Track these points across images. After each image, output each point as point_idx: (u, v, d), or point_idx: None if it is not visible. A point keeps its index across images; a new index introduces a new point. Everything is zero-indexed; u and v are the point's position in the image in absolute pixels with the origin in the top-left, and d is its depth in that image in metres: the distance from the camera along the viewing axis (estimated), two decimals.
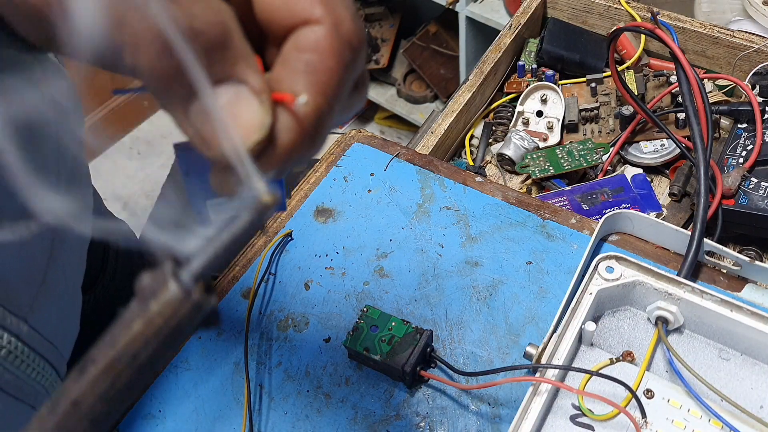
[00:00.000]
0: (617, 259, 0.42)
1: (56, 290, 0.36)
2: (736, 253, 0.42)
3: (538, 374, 0.38)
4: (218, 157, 0.18)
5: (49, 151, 0.35)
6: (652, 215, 0.48)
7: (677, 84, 0.51)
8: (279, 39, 0.19)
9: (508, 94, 0.67)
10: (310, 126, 0.18)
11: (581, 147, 0.60)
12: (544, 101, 0.64)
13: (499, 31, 0.68)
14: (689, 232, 0.43)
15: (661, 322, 0.40)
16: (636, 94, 0.59)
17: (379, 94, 1.89)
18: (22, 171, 0.26)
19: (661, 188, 0.59)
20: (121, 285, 0.53)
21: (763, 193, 0.49)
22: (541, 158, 0.59)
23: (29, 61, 0.31)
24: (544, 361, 0.38)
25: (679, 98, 0.58)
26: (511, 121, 0.64)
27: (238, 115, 0.17)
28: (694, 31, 0.62)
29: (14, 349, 0.32)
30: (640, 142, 0.60)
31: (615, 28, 0.54)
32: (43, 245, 0.35)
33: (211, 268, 0.18)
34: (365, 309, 0.42)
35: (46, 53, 0.22)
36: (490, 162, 0.63)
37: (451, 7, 1.50)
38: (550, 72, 0.65)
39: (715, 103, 0.60)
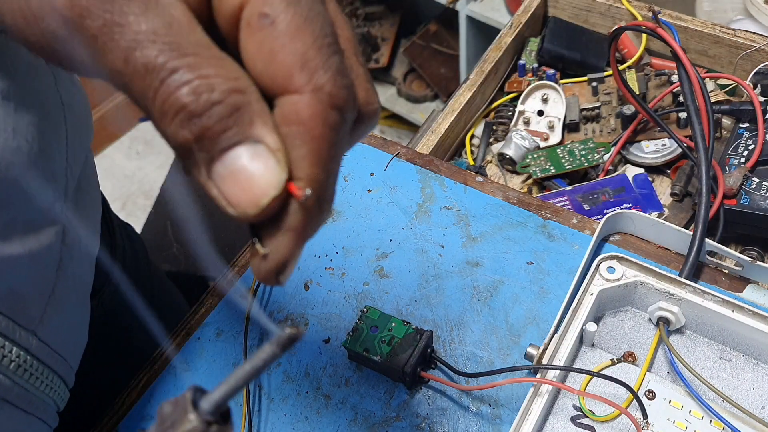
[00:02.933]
0: (618, 259, 0.41)
1: (65, 302, 0.35)
2: (737, 254, 0.42)
3: (538, 375, 0.38)
4: (242, 215, 0.19)
5: (59, 159, 0.34)
6: (654, 215, 0.48)
7: (679, 83, 0.51)
8: (269, 98, 0.20)
9: (508, 93, 0.67)
10: (315, 201, 0.19)
11: (582, 146, 0.59)
12: (545, 100, 0.64)
13: (500, 30, 0.68)
14: (691, 232, 0.43)
15: (663, 322, 0.40)
16: (637, 93, 0.59)
17: (379, 93, 1.88)
18: (34, 180, 0.26)
19: (663, 188, 0.58)
20: (126, 294, 0.51)
21: (765, 193, 0.49)
22: (542, 158, 0.59)
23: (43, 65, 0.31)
24: (545, 361, 0.38)
25: (681, 98, 0.58)
26: (511, 120, 0.64)
27: (255, 172, 0.18)
28: (696, 30, 0.62)
29: (23, 363, 0.32)
30: (642, 142, 0.60)
31: (616, 27, 0.54)
32: (52, 257, 0.34)
33: (230, 398, 0.19)
34: (365, 309, 0.42)
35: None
36: (491, 161, 0.63)
37: (451, 6, 1.50)
38: (551, 71, 0.65)
39: (716, 103, 0.60)
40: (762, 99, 0.55)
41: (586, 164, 0.58)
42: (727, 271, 0.44)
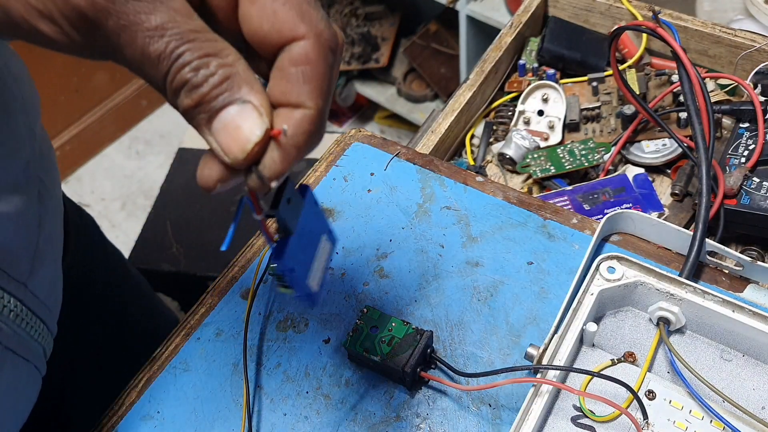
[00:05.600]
0: (619, 259, 0.41)
1: (47, 257, 0.40)
2: (738, 254, 0.42)
3: (539, 375, 0.37)
4: (234, 161, 0.24)
5: (22, 125, 0.40)
6: (654, 215, 0.48)
7: (679, 83, 0.51)
8: (269, 54, 0.25)
9: (508, 93, 0.67)
10: (318, 123, 0.25)
11: (582, 146, 0.59)
12: (545, 100, 0.63)
13: (500, 30, 0.68)
14: (691, 232, 0.43)
15: (663, 322, 0.40)
16: (637, 93, 0.59)
17: (379, 93, 1.89)
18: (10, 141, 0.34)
19: (663, 188, 0.58)
20: (82, 258, 0.56)
21: (766, 193, 0.49)
22: (542, 158, 0.59)
23: None
24: (545, 362, 0.38)
25: (681, 97, 0.58)
26: (512, 120, 0.64)
27: (242, 124, 0.24)
28: (696, 30, 0.62)
29: (20, 312, 0.36)
30: (642, 142, 0.59)
31: (616, 26, 0.54)
32: (33, 215, 0.39)
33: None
34: (365, 310, 0.42)
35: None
36: (491, 161, 0.63)
37: (451, 5, 1.50)
38: (551, 71, 0.65)
39: (716, 103, 0.60)
40: (762, 99, 0.55)
41: (586, 164, 0.58)
42: (727, 271, 0.44)
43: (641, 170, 0.59)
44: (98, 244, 0.63)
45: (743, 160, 0.52)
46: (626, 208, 0.53)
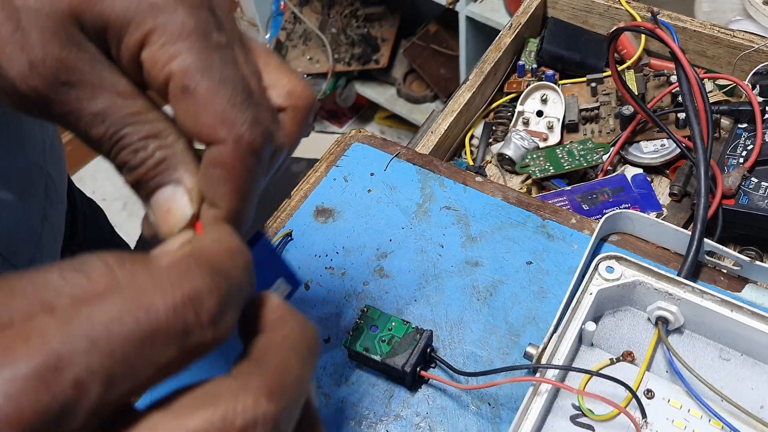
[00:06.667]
0: (617, 259, 0.42)
1: (48, 249, 0.40)
2: (736, 253, 0.42)
3: (538, 374, 0.38)
4: (164, 237, 0.25)
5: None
6: (653, 215, 0.48)
7: (677, 84, 0.51)
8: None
9: (508, 93, 0.67)
10: (233, 220, 0.25)
11: (581, 147, 0.60)
12: (544, 101, 0.64)
13: (499, 31, 0.68)
14: (689, 232, 0.43)
15: (662, 322, 0.40)
16: (636, 93, 0.59)
17: (379, 93, 1.89)
18: (24, 129, 0.35)
19: (662, 188, 0.59)
20: (89, 249, 0.56)
21: (764, 193, 0.49)
22: (541, 158, 0.59)
23: None
24: (544, 361, 0.38)
25: (680, 98, 0.58)
26: (511, 120, 0.64)
27: (172, 206, 0.25)
28: (695, 30, 0.62)
29: None
30: (641, 142, 0.60)
31: (615, 27, 0.54)
32: (39, 206, 0.39)
33: None
34: (365, 309, 0.42)
35: None
36: (491, 162, 0.63)
37: (451, 6, 1.50)
38: (550, 72, 0.65)
39: (715, 103, 0.60)
40: (760, 99, 0.55)
41: (585, 164, 0.58)
42: (725, 271, 0.44)
43: (640, 170, 0.59)
44: (107, 237, 0.63)
45: (741, 160, 0.52)
46: (625, 208, 0.53)
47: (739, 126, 0.55)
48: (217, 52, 0.24)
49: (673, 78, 0.61)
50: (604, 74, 0.63)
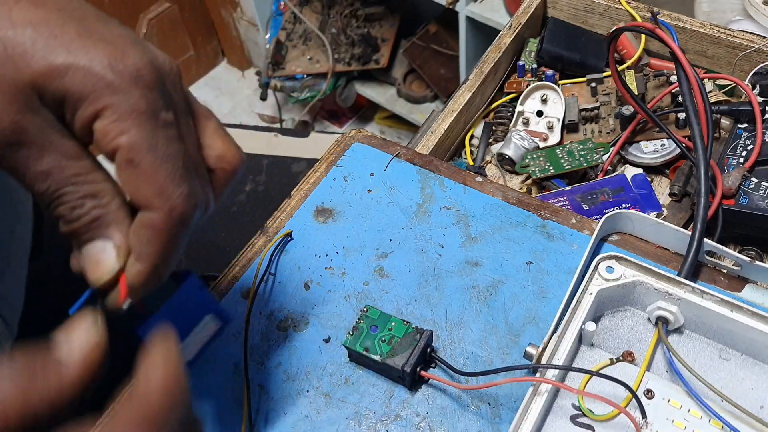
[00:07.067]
0: (617, 259, 0.42)
1: (16, 262, 0.42)
2: (736, 253, 0.42)
3: (538, 374, 0.38)
4: (94, 285, 0.28)
5: None
6: (653, 215, 0.48)
7: (677, 84, 0.51)
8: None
9: (508, 93, 0.67)
10: (147, 278, 0.28)
11: (581, 147, 0.60)
12: (544, 101, 0.64)
13: (499, 31, 0.68)
14: (689, 232, 0.43)
15: (662, 322, 0.40)
16: (636, 93, 0.59)
17: (379, 94, 1.89)
18: None
19: (662, 188, 0.59)
20: (54, 259, 0.57)
21: (764, 193, 0.49)
22: (541, 158, 0.59)
23: None
24: (544, 361, 0.38)
25: (680, 98, 0.58)
26: (511, 120, 0.64)
27: (101, 259, 0.28)
28: (695, 30, 0.62)
29: None
30: (641, 142, 0.60)
31: (615, 27, 0.54)
32: (7, 224, 0.41)
33: None
34: (365, 309, 0.42)
35: None
36: (490, 162, 0.63)
37: (451, 6, 1.50)
38: (550, 72, 0.65)
39: (715, 103, 0.60)
40: (760, 99, 0.55)
41: (585, 164, 0.58)
42: (725, 271, 0.44)
43: (640, 170, 0.59)
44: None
45: (741, 160, 0.52)
46: (625, 208, 0.53)
47: (739, 126, 0.55)
48: (163, 130, 0.27)
49: (673, 78, 0.61)
50: (604, 74, 0.63)
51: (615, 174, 0.58)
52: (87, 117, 0.26)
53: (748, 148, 0.52)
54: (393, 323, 0.41)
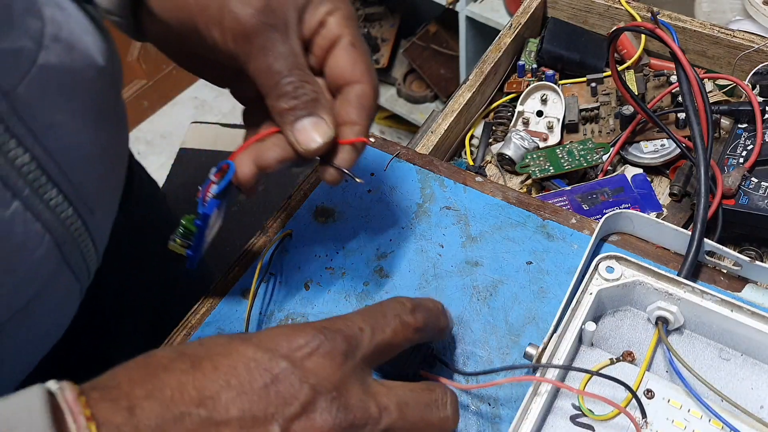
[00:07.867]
0: (617, 259, 0.42)
1: (112, 204, 0.48)
2: (736, 253, 0.42)
3: (538, 374, 0.38)
4: (304, 152, 0.37)
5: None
6: (653, 215, 0.48)
7: (677, 84, 0.51)
8: (336, 88, 0.38)
9: (508, 93, 0.67)
10: (366, 135, 0.38)
11: (581, 147, 0.60)
12: (544, 101, 0.64)
13: (499, 31, 0.68)
14: (689, 232, 0.43)
15: (662, 322, 0.40)
16: (636, 93, 0.59)
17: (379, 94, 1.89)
18: None
19: (662, 188, 0.59)
20: (145, 211, 0.63)
21: (764, 193, 0.49)
22: (541, 158, 0.59)
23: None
24: (544, 361, 0.38)
25: (680, 98, 0.58)
26: (511, 120, 0.64)
27: (318, 129, 0.36)
28: (695, 30, 0.62)
29: (84, 235, 0.42)
30: (641, 142, 0.60)
31: (615, 27, 0.54)
32: (122, 155, 0.50)
33: None
34: None
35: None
36: (490, 162, 0.63)
37: (451, 6, 1.50)
38: (550, 72, 0.65)
39: (715, 103, 0.60)
40: (760, 99, 0.55)
41: (585, 164, 0.58)
42: (725, 271, 0.44)
43: (640, 170, 0.59)
44: (161, 199, 0.71)
45: (741, 160, 0.52)
46: (625, 208, 0.53)
47: (739, 126, 0.55)
48: (359, 32, 0.38)
49: (673, 78, 0.61)
50: (604, 74, 0.63)
51: (615, 174, 0.58)
52: (323, 13, 0.37)
53: (748, 148, 0.52)
54: None
